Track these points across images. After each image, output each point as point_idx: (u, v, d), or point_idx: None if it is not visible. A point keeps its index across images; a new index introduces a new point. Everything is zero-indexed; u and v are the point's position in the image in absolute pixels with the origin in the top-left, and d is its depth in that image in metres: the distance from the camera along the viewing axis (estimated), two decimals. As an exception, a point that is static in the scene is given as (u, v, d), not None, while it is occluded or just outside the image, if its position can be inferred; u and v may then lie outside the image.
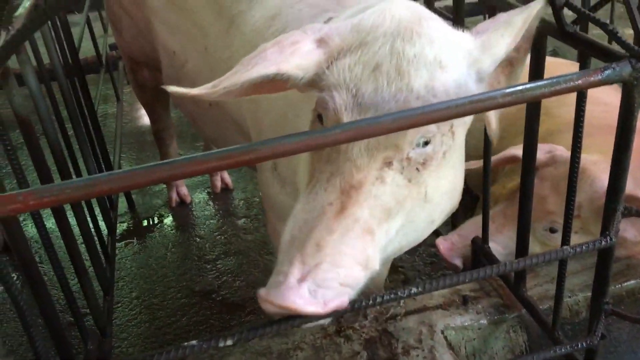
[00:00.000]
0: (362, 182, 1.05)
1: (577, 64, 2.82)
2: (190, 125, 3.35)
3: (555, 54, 4.42)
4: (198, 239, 2.72)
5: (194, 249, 2.67)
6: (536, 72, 1.38)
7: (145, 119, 4.00)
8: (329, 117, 1.07)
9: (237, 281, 2.45)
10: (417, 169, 1.09)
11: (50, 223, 1.97)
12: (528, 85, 1.00)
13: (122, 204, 2.93)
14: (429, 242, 2.53)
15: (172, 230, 2.82)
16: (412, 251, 2.52)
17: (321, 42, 1.08)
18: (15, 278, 2.51)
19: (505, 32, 1.12)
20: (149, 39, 2.28)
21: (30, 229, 2.71)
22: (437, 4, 2.23)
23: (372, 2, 1.43)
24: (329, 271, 0.98)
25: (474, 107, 0.97)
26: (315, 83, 1.08)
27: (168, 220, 2.90)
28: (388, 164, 1.07)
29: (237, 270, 2.50)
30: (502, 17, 1.16)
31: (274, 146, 0.89)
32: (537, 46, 1.34)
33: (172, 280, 2.48)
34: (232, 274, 2.48)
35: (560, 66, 2.73)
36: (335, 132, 0.93)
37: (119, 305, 2.34)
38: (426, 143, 1.08)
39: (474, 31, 1.14)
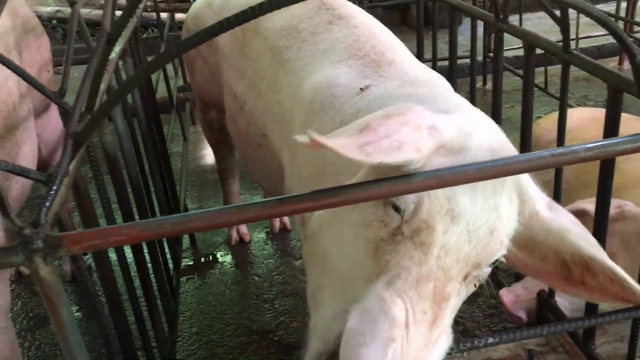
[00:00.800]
0: (450, 294, 1.06)
1: (645, 119, 2.77)
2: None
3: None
4: (256, 278, 2.76)
5: (252, 287, 2.70)
6: (612, 127, 1.39)
7: (207, 159, 4.13)
8: (419, 216, 1.04)
9: (294, 322, 2.46)
10: (475, 284, 1.13)
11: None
12: (610, 141, 1.01)
13: (185, 240, 3.01)
14: (489, 293, 2.50)
15: (231, 267, 2.87)
16: (472, 302, 2.50)
17: (432, 130, 1.05)
18: (77, 309, 2.59)
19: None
20: (218, 82, 2.38)
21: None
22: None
23: (414, 75, 1.44)
24: None
25: (557, 160, 0.98)
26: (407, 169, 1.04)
27: (227, 258, 2.96)
28: (465, 277, 1.09)
29: (294, 311, 2.52)
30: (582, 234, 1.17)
31: (363, 190, 0.92)
32: (613, 102, 1.35)
33: (230, 317, 2.52)
34: (289, 315, 2.50)
35: (625, 121, 2.71)
36: (419, 179, 0.96)
37: (180, 339, 2.38)
38: (493, 263, 1.11)
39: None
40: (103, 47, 1.19)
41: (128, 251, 1.73)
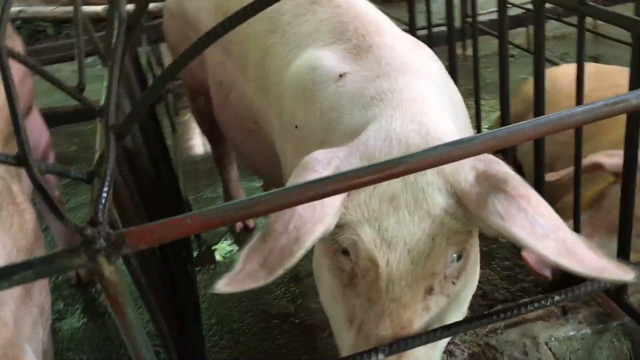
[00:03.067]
0: (411, 319, 1.05)
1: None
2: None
3: (596, 61, 4.41)
4: (268, 263, 2.74)
5: (264, 273, 2.68)
6: (638, 80, 1.38)
7: (196, 149, 4.07)
8: (361, 256, 1.06)
9: (312, 303, 2.45)
10: (452, 282, 1.10)
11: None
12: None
13: (188, 232, 2.96)
14: (502, 256, 2.52)
15: (239, 255, 2.83)
16: (487, 265, 2.51)
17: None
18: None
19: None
20: (202, 68, 2.32)
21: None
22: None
23: (387, 62, 1.35)
24: None
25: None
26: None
27: (234, 246, 2.92)
28: (429, 290, 1.07)
29: (311, 292, 2.50)
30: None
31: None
32: (639, 51, 1.34)
33: (248, 305, 2.49)
34: (307, 297, 2.49)
35: (616, 72, 2.74)
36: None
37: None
38: (459, 257, 1.09)
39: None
40: (124, 35, 1.14)
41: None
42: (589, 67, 2.88)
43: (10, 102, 0.99)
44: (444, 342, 1.19)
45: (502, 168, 1.03)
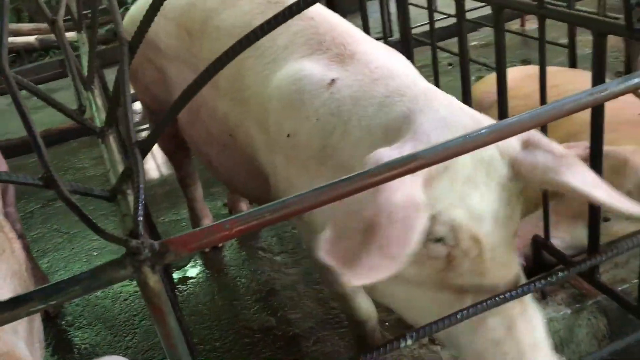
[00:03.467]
0: (516, 273, 1.21)
1: (578, 71, 2.97)
2: (205, 171, 3.37)
3: (527, 64, 4.65)
4: (243, 280, 2.74)
5: (240, 290, 2.68)
6: (599, 73, 1.49)
7: (151, 173, 4.02)
8: (463, 237, 1.13)
9: (292, 314, 2.47)
10: (514, 237, 1.25)
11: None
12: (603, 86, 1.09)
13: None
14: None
15: (213, 274, 2.83)
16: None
17: (427, 182, 1.10)
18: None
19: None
20: (165, 86, 2.31)
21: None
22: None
23: (375, 67, 1.42)
24: None
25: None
26: None
27: (205, 266, 2.91)
28: (513, 248, 1.23)
29: (290, 303, 2.53)
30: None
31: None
32: (599, 47, 1.46)
33: (228, 322, 2.49)
34: (286, 308, 2.51)
35: (554, 73, 2.92)
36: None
37: (184, 353, 2.34)
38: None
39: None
40: (127, 55, 1.16)
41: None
42: (529, 70, 3.07)
43: (28, 128, 1.00)
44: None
45: (541, 135, 1.18)
